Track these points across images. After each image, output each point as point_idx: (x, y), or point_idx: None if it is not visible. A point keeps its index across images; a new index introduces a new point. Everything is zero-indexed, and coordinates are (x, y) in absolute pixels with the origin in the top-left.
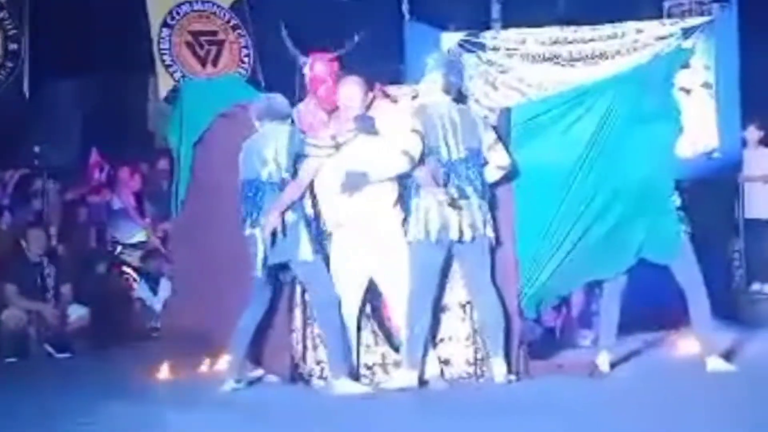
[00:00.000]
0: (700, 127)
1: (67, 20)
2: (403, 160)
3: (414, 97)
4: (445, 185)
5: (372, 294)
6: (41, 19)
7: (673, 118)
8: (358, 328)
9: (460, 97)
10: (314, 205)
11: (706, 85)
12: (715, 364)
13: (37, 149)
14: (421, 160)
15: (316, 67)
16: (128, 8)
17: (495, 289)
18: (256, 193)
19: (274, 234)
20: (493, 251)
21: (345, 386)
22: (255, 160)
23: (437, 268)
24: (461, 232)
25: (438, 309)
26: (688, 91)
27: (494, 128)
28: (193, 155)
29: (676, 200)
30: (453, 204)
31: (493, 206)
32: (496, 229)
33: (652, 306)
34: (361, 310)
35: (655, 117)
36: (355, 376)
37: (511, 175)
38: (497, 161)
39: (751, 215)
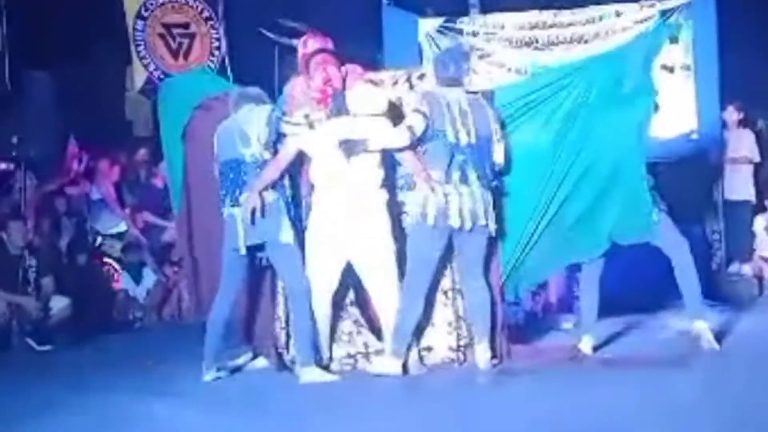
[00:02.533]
0: (679, 108)
1: (43, 11)
2: (405, 134)
3: (395, 83)
4: (448, 167)
5: (354, 280)
6: (17, 10)
7: (648, 97)
8: (337, 316)
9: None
10: (293, 187)
11: (684, 66)
12: (701, 326)
13: (14, 140)
14: (422, 141)
15: (310, 43)
16: None
17: (485, 277)
18: (239, 173)
19: (253, 213)
20: (493, 242)
21: (312, 375)
22: (237, 140)
23: (435, 256)
24: (461, 219)
25: (431, 298)
26: (671, 69)
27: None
28: (182, 150)
29: (650, 180)
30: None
31: (497, 197)
32: (499, 221)
33: (634, 288)
34: (343, 297)
35: (630, 97)
36: (326, 364)
37: (503, 171)
38: (494, 157)
39: (730, 197)
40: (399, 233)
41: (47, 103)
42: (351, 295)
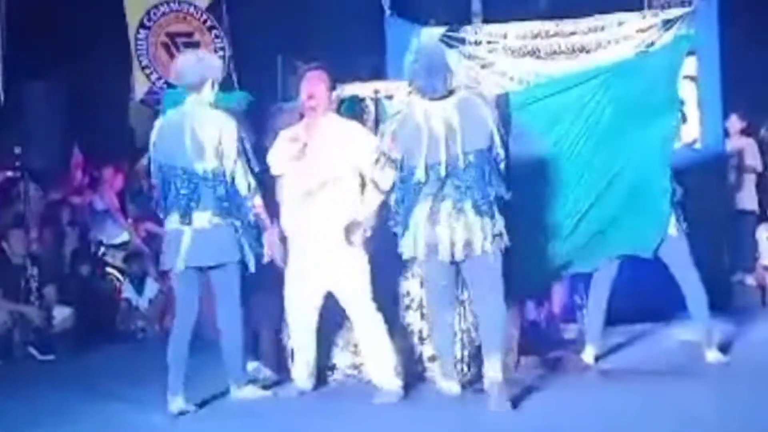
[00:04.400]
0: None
1: (44, 20)
2: (374, 194)
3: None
4: (434, 201)
5: None
6: (17, 20)
7: (674, 110)
8: (344, 326)
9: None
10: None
11: (687, 76)
12: (714, 355)
13: (17, 151)
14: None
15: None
16: (106, 8)
17: (495, 298)
18: (192, 187)
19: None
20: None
21: (244, 392)
22: (189, 147)
23: (441, 285)
24: (452, 253)
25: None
26: (693, 79)
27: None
28: None
29: (677, 193)
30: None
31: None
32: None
33: (637, 297)
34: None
35: (655, 109)
36: (311, 381)
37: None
38: (499, 164)
39: (733, 206)
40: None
41: (50, 113)
42: None
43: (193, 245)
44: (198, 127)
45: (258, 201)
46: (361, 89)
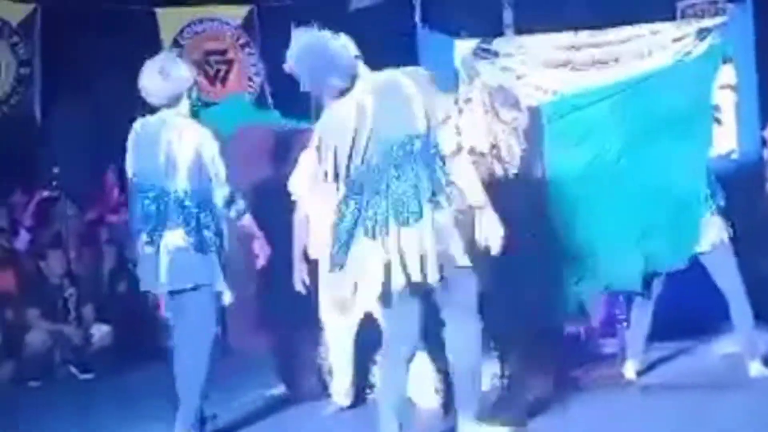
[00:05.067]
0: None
1: (79, 41)
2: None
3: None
4: (354, 225)
5: None
6: (52, 41)
7: (708, 120)
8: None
9: None
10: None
11: (725, 85)
12: (758, 369)
13: (55, 171)
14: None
15: None
16: (140, 27)
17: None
18: (163, 207)
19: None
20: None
21: None
22: (161, 163)
23: (403, 322)
24: (385, 286)
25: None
26: (733, 88)
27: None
28: None
29: (721, 199)
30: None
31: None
32: (464, 251)
33: (678, 311)
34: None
35: (689, 118)
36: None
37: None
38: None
39: None
40: None
41: (87, 133)
42: None
43: (168, 267)
44: (176, 140)
45: (247, 220)
46: None
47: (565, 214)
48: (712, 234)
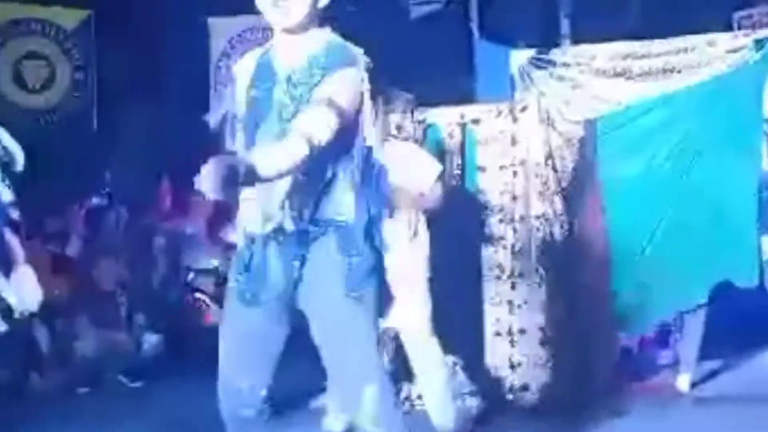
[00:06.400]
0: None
1: (133, 48)
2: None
3: (498, 115)
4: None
5: None
6: (107, 48)
7: (760, 130)
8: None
9: None
10: None
11: None
12: None
13: (108, 177)
14: None
15: None
16: (192, 36)
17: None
18: None
19: None
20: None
21: None
22: None
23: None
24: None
25: None
26: None
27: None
28: None
29: None
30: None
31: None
32: None
33: (734, 324)
34: None
35: (741, 129)
36: None
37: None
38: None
39: None
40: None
41: (140, 140)
42: None
43: None
44: None
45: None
46: (447, 114)
47: (620, 226)
48: (764, 251)
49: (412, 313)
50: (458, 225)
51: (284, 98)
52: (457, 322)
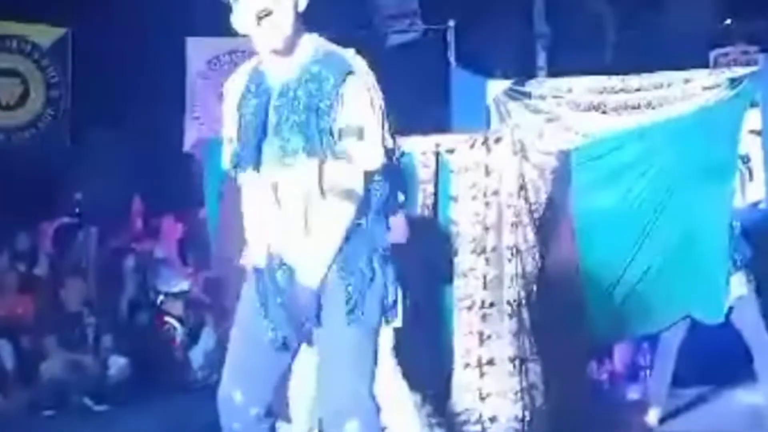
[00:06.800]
0: (746, 175)
1: (109, 67)
2: None
3: (472, 145)
4: None
5: None
6: (83, 66)
7: (734, 166)
8: None
9: None
10: None
11: (755, 131)
12: None
13: (78, 197)
14: None
15: None
16: (170, 56)
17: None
18: None
19: None
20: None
21: None
22: None
23: None
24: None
25: None
26: (758, 133)
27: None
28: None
29: (746, 253)
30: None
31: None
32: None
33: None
34: None
35: (715, 164)
36: None
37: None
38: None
39: None
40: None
41: (111, 160)
42: None
43: None
44: None
45: None
46: (422, 143)
47: (591, 256)
48: (734, 288)
49: None
50: (429, 255)
51: (280, 111)
52: (427, 352)
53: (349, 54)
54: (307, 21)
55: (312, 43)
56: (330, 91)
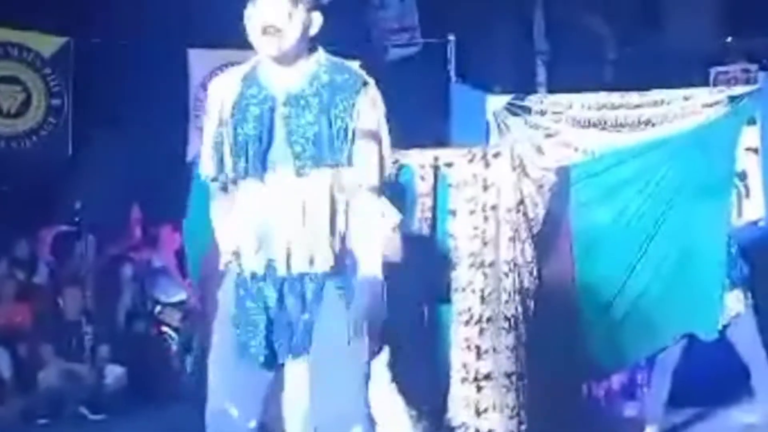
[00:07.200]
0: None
1: (111, 76)
2: None
3: (471, 160)
4: None
5: None
6: (85, 75)
7: (730, 182)
8: None
9: None
10: None
11: (752, 149)
12: None
13: (78, 205)
14: None
15: None
16: (172, 67)
17: None
18: None
19: None
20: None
21: None
22: None
23: None
24: None
25: None
26: (756, 151)
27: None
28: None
29: (744, 270)
30: None
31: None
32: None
33: (699, 377)
34: None
35: (712, 181)
36: None
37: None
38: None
39: None
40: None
41: (111, 169)
42: None
43: None
44: None
45: None
46: (420, 157)
47: (589, 274)
48: (731, 306)
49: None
50: (427, 269)
51: (290, 120)
52: (424, 367)
53: (355, 66)
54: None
55: (318, 56)
56: (346, 99)
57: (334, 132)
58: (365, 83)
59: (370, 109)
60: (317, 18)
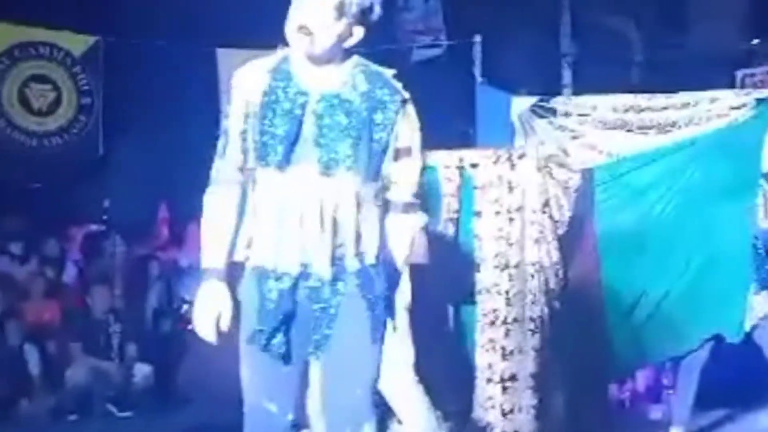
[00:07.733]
0: None
1: (141, 75)
2: None
3: (496, 161)
4: None
5: None
6: (115, 74)
7: (756, 183)
8: None
9: None
10: None
11: None
12: None
13: (106, 204)
14: None
15: None
16: (201, 66)
17: None
18: None
19: None
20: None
21: None
22: None
23: None
24: None
25: None
26: None
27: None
28: None
29: None
30: None
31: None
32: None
33: (725, 379)
34: None
35: (738, 182)
36: None
37: None
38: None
39: None
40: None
41: (140, 168)
42: None
43: None
44: None
45: None
46: (446, 157)
47: (615, 274)
48: (759, 307)
49: (395, 361)
50: (452, 269)
51: (321, 120)
52: (449, 367)
53: (390, 75)
54: None
55: (354, 60)
56: (387, 117)
57: (371, 145)
58: (404, 101)
59: (408, 128)
60: (359, 31)
